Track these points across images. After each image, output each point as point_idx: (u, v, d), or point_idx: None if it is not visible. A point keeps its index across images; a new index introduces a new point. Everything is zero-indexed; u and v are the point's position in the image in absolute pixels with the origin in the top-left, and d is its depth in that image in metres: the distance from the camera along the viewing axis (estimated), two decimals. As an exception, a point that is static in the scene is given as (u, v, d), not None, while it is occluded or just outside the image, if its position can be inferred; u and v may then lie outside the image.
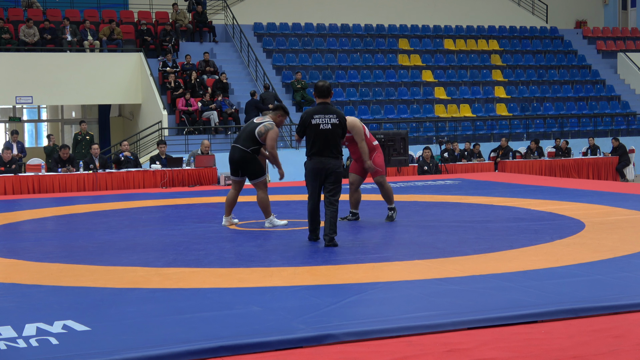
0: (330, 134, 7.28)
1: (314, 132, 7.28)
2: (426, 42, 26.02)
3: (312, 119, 7.30)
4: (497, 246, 7.10)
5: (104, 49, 21.37)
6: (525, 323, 4.51)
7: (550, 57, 27.05)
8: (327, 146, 7.27)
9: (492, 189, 13.19)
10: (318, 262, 6.50)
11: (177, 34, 22.77)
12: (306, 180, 7.41)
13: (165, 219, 10.32)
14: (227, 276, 5.97)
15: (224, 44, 23.90)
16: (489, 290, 5.23)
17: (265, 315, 4.67)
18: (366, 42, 25.33)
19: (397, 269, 6.18)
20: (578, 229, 8.07)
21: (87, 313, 4.80)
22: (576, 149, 21.33)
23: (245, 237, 8.19)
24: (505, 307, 4.72)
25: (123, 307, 4.95)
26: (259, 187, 8.71)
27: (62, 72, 20.52)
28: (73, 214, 10.92)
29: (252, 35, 24.23)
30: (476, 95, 24.42)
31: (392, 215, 9.09)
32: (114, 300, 5.17)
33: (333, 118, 7.32)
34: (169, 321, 4.58)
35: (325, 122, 7.28)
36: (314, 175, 7.31)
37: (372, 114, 22.54)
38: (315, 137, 7.27)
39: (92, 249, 7.51)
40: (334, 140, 7.30)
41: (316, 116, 7.30)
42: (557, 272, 5.86)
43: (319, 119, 7.28)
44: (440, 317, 4.52)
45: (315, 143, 7.28)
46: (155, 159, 15.93)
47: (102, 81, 21.00)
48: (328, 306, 4.85)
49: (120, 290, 5.51)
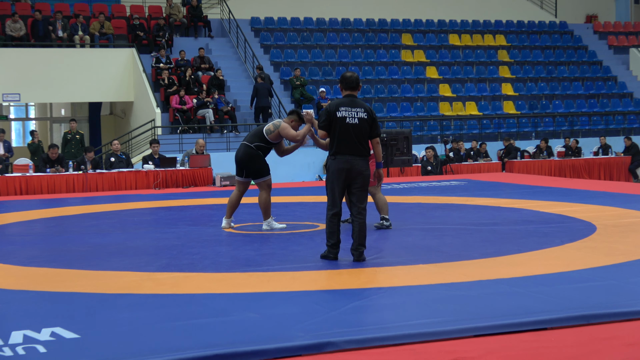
0: (358, 130, 6.69)
1: (339, 127, 6.68)
2: (430, 37, 26.02)
3: (337, 111, 6.72)
4: (504, 250, 7.10)
5: (94, 45, 21.37)
6: (534, 330, 4.50)
7: (560, 52, 27.05)
8: (354, 143, 6.67)
9: (499, 190, 13.18)
10: (318, 266, 6.49)
11: (171, 29, 22.76)
12: (327, 184, 6.76)
13: (158, 221, 10.31)
14: (223, 281, 5.96)
15: (219, 39, 23.89)
16: (496, 296, 5.22)
17: (263, 322, 4.66)
18: (368, 37, 25.33)
19: (400, 273, 6.17)
20: (589, 232, 8.07)
21: (76, 320, 4.79)
22: (587, 149, 21.33)
23: (242, 240, 8.18)
24: (513, 314, 4.71)
25: (114, 314, 4.94)
26: (261, 188, 8.72)
27: (51, 69, 20.51)
28: (62, 216, 10.91)
29: (249, 30, 24.23)
30: (482, 93, 24.41)
31: (383, 224, 8.72)
32: (104, 307, 5.16)
33: (361, 112, 6.74)
34: (162, 329, 4.57)
35: (352, 116, 6.71)
36: (339, 176, 6.68)
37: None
38: (340, 132, 6.67)
39: (82, 252, 7.50)
40: (361, 136, 6.72)
41: (342, 108, 6.72)
42: (568, 277, 5.85)
43: (345, 112, 6.71)
44: (445, 324, 4.51)
45: (341, 140, 6.67)
46: (147, 159, 15.92)
47: (93, 78, 20.99)
48: (328, 313, 4.84)
49: (111, 296, 5.50)
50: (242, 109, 21.09)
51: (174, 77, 20.71)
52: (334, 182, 6.71)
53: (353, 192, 6.75)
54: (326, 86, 22.22)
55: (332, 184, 6.72)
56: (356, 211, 6.74)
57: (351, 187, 6.75)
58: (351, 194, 6.78)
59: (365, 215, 6.77)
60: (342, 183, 6.70)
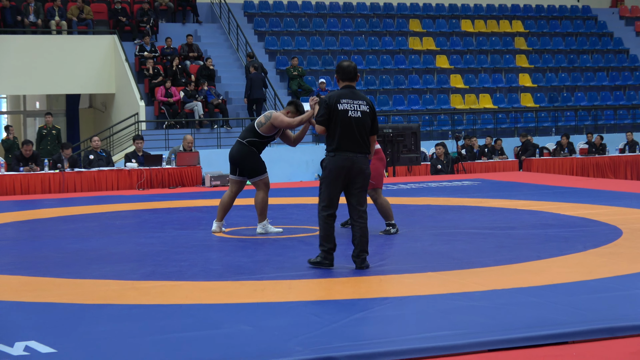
0: (361, 124, 6.62)
1: (340, 121, 6.58)
2: (441, 23, 26.03)
3: (339, 103, 6.63)
4: (521, 256, 7.10)
5: (72, 31, 21.37)
6: (555, 344, 4.50)
7: (583, 40, 27.06)
8: (356, 139, 6.60)
9: (515, 191, 13.20)
10: (317, 274, 6.49)
11: (156, 14, 22.77)
12: (324, 182, 6.66)
13: (143, 225, 10.31)
14: (213, 291, 5.96)
15: (209, 25, 23.90)
16: (513, 307, 5.22)
17: (257, 335, 4.67)
18: (372, 23, 25.34)
19: (407, 282, 6.17)
20: (614, 237, 8.07)
21: (53, 333, 4.79)
22: (612, 145, 21.34)
23: (235, 245, 8.19)
24: (531, 326, 4.71)
25: (94, 327, 4.94)
26: (258, 187, 8.73)
27: (25, 58, 20.51)
28: (37, 219, 10.91)
29: (241, 16, 24.23)
30: (498, 84, 24.42)
31: (390, 230, 8.67)
32: (83, 319, 5.16)
33: (363, 105, 6.68)
34: (146, 342, 4.57)
35: (355, 109, 6.63)
36: (337, 175, 6.59)
37: (379, 105, 22.54)
38: (342, 126, 6.58)
39: (59, 259, 7.50)
40: (364, 131, 6.65)
41: (343, 100, 6.64)
42: (591, 285, 5.86)
43: (347, 104, 6.63)
44: (457, 337, 4.52)
45: (342, 135, 6.59)
46: (130, 157, 15.93)
47: (71, 68, 20.99)
48: (328, 325, 4.84)
49: (91, 306, 5.50)
50: (234, 101, 21.10)
51: (159, 66, 20.72)
52: (332, 181, 6.61)
53: (352, 194, 6.67)
54: (326, 77, 22.24)
55: (329, 183, 6.62)
56: (357, 215, 6.66)
57: (350, 188, 6.66)
58: (350, 196, 6.69)
59: (367, 218, 6.70)
60: (340, 183, 6.62)
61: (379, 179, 8.52)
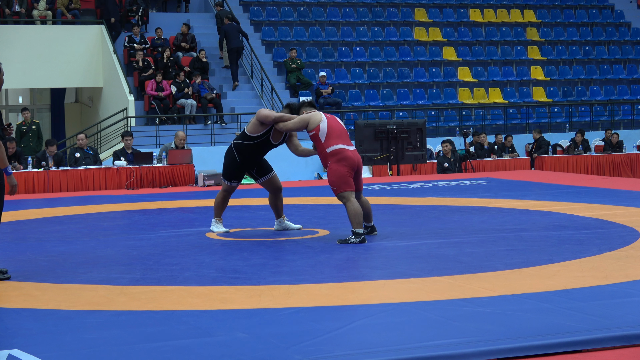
0: None
1: None
2: (448, 13, 26.04)
3: None
4: (533, 260, 7.11)
5: (57, 21, 21.38)
6: (569, 353, 4.51)
7: (598, 30, 27.07)
8: None
9: (527, 191, 13.21)
10: (316, 279, 6.51)
11: (145, 3, 22.78)
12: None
13: (132, 226, 10.33)
14: (207, 296, 5.97)
15: (202, 14, 23.91)
16: (524, 313, 5.23)
17: (253, 343, 4.68)
18: (375, 12, 25.36)
19: (412, 287, 6.19)
20: (632, 239, 8.08)
21: (37, 341, 4.80)
22: (629, 142, 21.35)
23: (229, 248, 8.20)
24: (543, 334, 4.72)
25: (80, 334, 4.95)
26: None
27: (6, 49, 20.50)
28: (20, 221, 10.91)
29: (237, 5, 24.24)
30: (508, 77, 24.43)
31: (348, 239, 8.11)
32: (69, 326, 5.17)
33: None
34: (136, 350, 4.58)
35: None
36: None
37: (382, 100, 22.56)
38: None
39: (44, 263, 7.51)
40: None
41: None
42: (606, 291, 5.87)
43: None
44: (465, 345, 4.53)
45: None
46: (119, 154, 15.94)
47: (55, 60, 21.01)
48: (329, 332, 4.86)
49: (78, 312, 5.51)
50: (228, 96, 21.12)
51: (149, 59, 20.73)
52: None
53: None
54: (327, 69, 22.26)
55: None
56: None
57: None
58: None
59: None
60: None
61: (339, 183, 8.11)
